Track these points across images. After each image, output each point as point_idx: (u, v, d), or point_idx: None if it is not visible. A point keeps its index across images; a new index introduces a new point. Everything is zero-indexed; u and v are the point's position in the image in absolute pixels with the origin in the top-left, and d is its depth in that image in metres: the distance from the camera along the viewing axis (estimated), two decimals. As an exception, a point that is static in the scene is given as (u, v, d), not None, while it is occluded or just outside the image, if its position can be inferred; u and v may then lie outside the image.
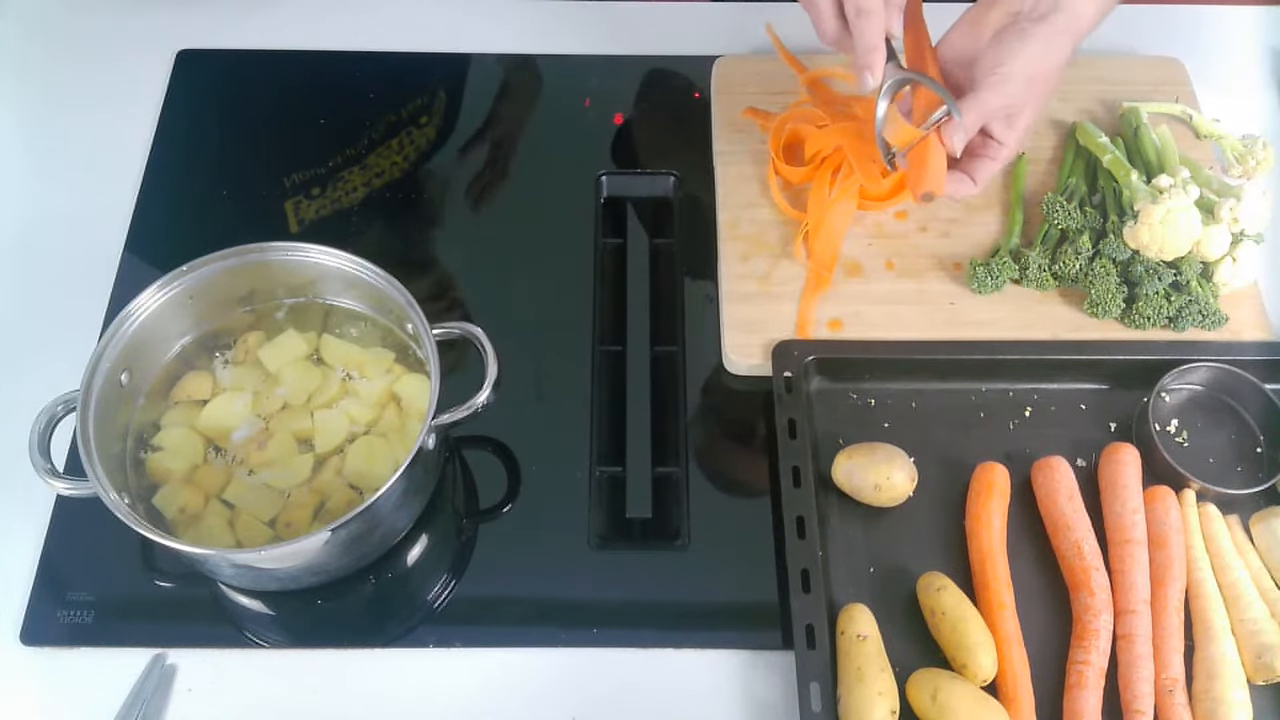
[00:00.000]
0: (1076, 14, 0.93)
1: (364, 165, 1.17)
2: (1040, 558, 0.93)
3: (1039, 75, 0.94)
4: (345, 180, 1.16)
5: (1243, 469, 0.98)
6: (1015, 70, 0.92)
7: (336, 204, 1.14)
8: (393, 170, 1.17)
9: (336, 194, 1.15)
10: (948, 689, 0.84)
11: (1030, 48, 0.92)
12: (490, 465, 1.00)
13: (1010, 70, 0.92)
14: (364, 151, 1.18)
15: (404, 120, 1.20)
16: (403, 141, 1.19)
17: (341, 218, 1.14)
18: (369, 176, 1.16)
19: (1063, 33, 0.93)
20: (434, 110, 1.22)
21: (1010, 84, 0.92)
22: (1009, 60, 0.92)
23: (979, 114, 0.94)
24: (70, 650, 0.91)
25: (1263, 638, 0.87)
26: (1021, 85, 0.93)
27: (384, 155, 1.18)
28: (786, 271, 1.07)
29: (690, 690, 0.90)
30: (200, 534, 0.90)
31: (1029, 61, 0.92)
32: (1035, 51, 0.92)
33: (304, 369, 0.97)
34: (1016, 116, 0.96)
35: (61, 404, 0.89)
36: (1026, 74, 0.93)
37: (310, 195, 1.15)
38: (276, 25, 1.27)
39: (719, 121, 1.17)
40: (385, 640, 0.92)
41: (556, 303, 1.08)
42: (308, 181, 1.16)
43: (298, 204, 1.14)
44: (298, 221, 1.13)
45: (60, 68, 1.25)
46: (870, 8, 0.91)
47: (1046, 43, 0.92)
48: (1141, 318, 1.02)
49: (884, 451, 0.95)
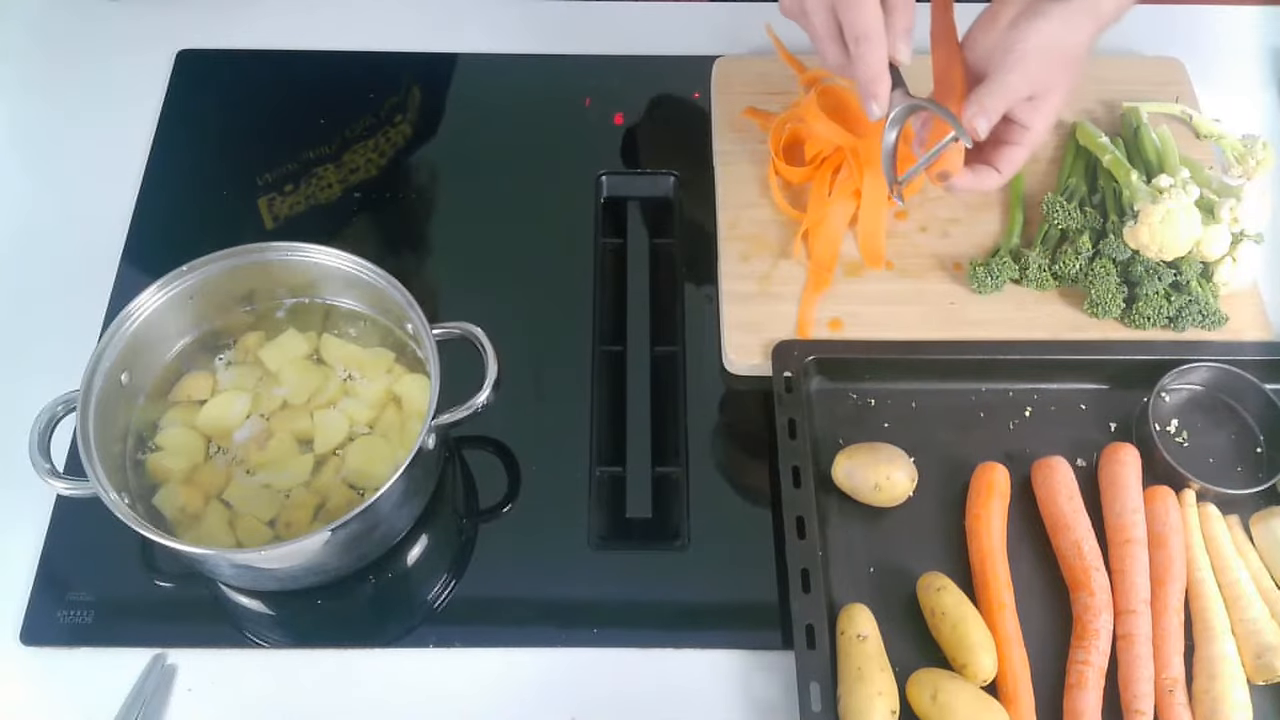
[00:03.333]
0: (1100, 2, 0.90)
1: (369, 159, 1.17)
2: (1040, 558, 0.93)
3: (1058, 53, 0.90)
4: (344, 178, 1.16)
5: (1243, 469, 0.98)
6: (1032, 47, 0.89)
7: (335, 204, 1.14)
8: (390, 171, 1.17)
9: (334, 193, 1.15)
10: (948, 689, 0.84)
11: (1048, 24, 0.89)
12: (490, 465, 1.00)
13: (1027, 47, 0.89)
14: (364, 150, 1.18)
15: (406, 118, 1.20)
16: (402, 139, 1.19)
17: (340, 219, 1.14)
18: (368, 173, 1.16)
19: (1082, 12, 0.90)
20: (433, 110, 1.22)
21: (1029, 61, 0.89)
22: (1026, 38, 0.89)
23: (1000, 96, 0.90)
24: (70, 650, 0.91)
25: (1263, 638, 0.87)
26: (1040, 63, 0.89)
27: (383, 152, 1.18)
28: (786, 271, 1.07)
29: (690, 690, 0.90)
30: (200, 534, 0.90)
31: (1047, 38, 0.89)
32: (1053, 28, 0.89)
33: (304, 369, 0.97)
34: (1041, 99, 0.92)
35: (61, 404, 0.89)
36: (1044, 50, 0.89)
37: (310, 193, 1.15)
38: (277, 25, 1.27)
39: (719, 121, 1.17)
40: (385, 640, 0.92)
41: (556, 303, 1.08)
42: (310, 180, 1.16)
43: (297, 202, 1.14)
44: (287, 219, 1.13)
45: (60, 68, 1.25)
46: (870, 33, 0.87)
47: (1065, 20, 0.89)
48: (1141, 318, 1.02)
49: (884, 451, 0.95)
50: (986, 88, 0.90)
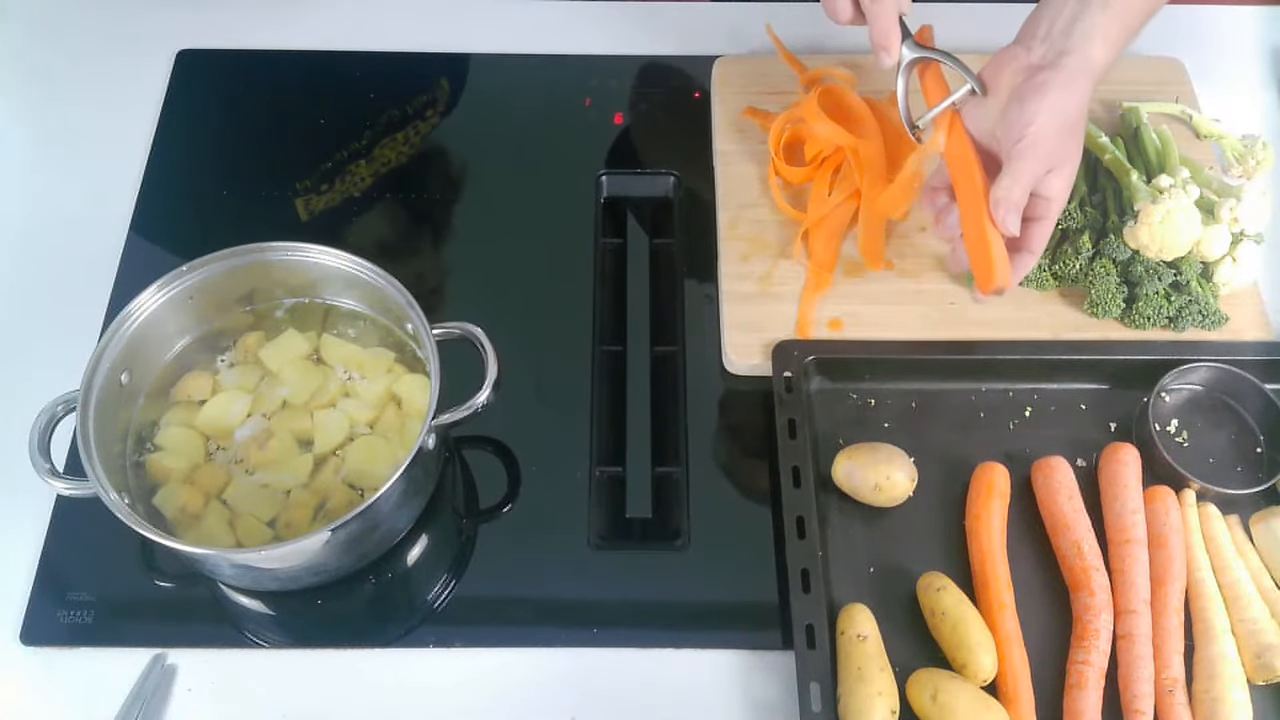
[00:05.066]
0: (1087, 55, 0.90)
1: (369, 159, 1.17)
2: (1040, 558, 0.93)
3: (1064, 124, 0.90)
4: (344, 178, 1.16)
5: (1243, 469, 0.98)
6: (1041, 129, 0.89)
7: (334, 203, 1.14)
8: (391, 170, 1.17)
9: (334, 194, 1.15)
10: (948, 689, 0.84)
11: (1049, 98, 0.89)
12: (490, 465, 1.00)
13: (1037, 132, 0.89)
14: (364, 150, 1.18)
15: (406, 117, 1.20)
16: (407, 138, 1.19)
17: (340, 218, 1.14)
18: (368, 173, 1.16)
19: (1077, 75, 0.90)
20: (434, 110, 1.22)
21: (1040, 144, 0.89)
22: (1032, 121, 0.89)
23: (1021, 185, 0.90)
24: (70, 650, 0.91)
25: (1263, 638, 0.87)
26: (1053, 141, 0.90)
27: (387, 148, 1.18)
28: (786, 271, 1.07)
29: (690, 690, 0.90)
30: (200, 534, 0.90)
31: (1053, 114, 0.89)
32: (1055, 100, 0.89)
33: (304, 369, 0.97)
34: (1058, 170, 0.92)
35: (61, 404, 0.89)
36: (1053, 128, 0.89)
37: (311, 192, 1.15)
38: (276, 25, 1.27)
39: (719, 121, 1.17)
40: (385, 640, 0.92)
41: (556, 303, 1.08)
42: (306, 180, 1.16)
43: (295, 201, 1.14)
44: (287, 219, 1.13)
45: (61, 67, 1.25)
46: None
47: (1064, 87, 0.89)
48: (1141, 318, 1.02)
49: (884, 451, 0.95)
50: (1006, 181, 0.90)
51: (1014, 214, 0.91)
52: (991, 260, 0.92)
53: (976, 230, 0.93)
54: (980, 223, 0.92)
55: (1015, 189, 0.90)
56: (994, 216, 0.91)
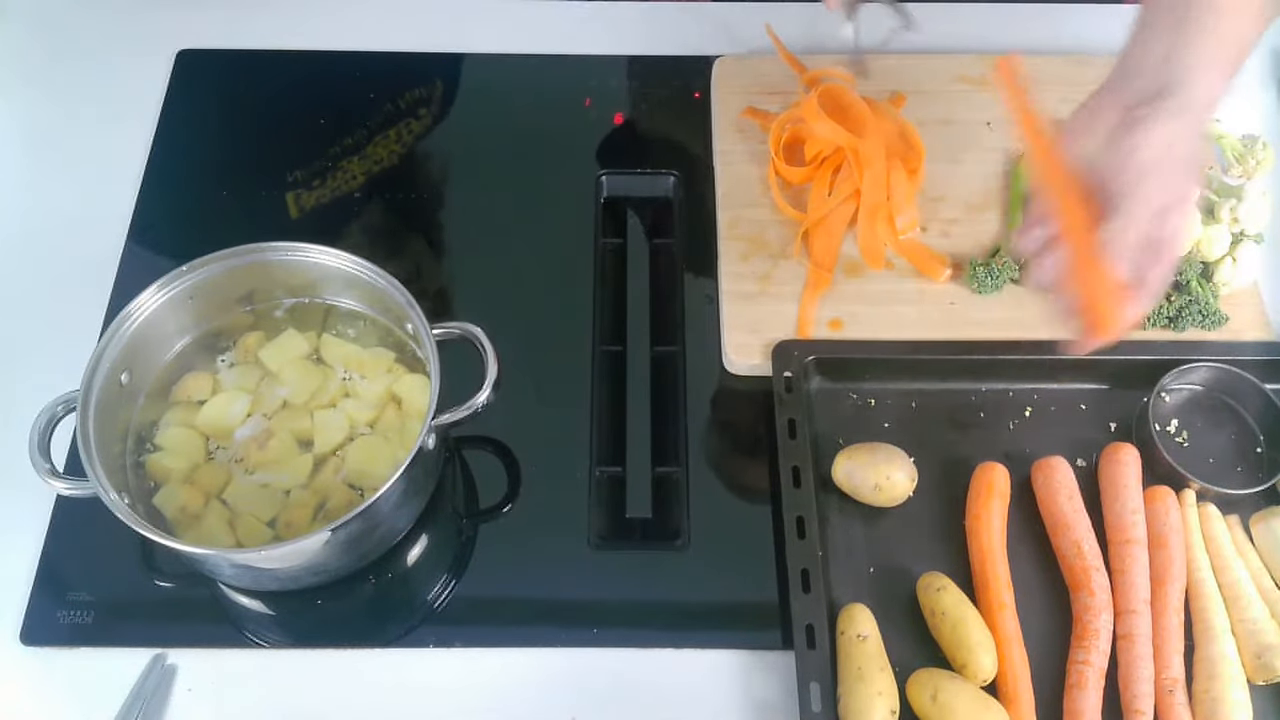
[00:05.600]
0: (1192, 93, 0.83)
1: (363, 157, 1.17)
2: (1040, 558, 0.93)
3: (1171, 160, 0.82)
4: (344, 179, 1.16)
5: (1243, 469, 0.98)
6: (1143, 162, 0.82)
7: (334, 203, 1.14)
8: (390, 170, 1.17)
9: (335, 193, 1.15)
10: (948, 689, 0.84)
11: (1152, 131, 0.82)
12: (490, 465, 1.00)
13: (1139, 164, 0.82)
14: (361, 148, 1.18)
15: (401, 114, 1.20)
16: (401, 136, 1.19)
17: (339, 220, 1.14)
18: (367, 170, 1.16)
19: (1182, 111, 0.82)
20: (431, 108, 1.22)
21: (1147, 181, 0.82)
22: (1134, 152, 0.82)
23: (1132, 230, 0.82)
24: (70, 650, 0.91)
25: (1263, 638, 0.87)
26: (1158, 178, 0.82)
27: (383, 147, 1.18)
28: (786, 271, 1.07)
29: (690, 690, 0.90)
30: (200, 534, 0.90)
31: (1157, 148, 0.82)
32: (1160, 133, 0.82)
33: (304, 369, 0.97)
34: (1173, 208, 0.83)
35: (61, 404, 0.89)
36: (1158, 163, 0.82)
37: (309, 188, 1.15)
38: (276, 25, 1.27)
39: (719, 121, 1.17)
40: (385, 640, 0.92)
41: (556, 303, 1.08)
42: (306, 179, 1.16)
43: (296, 198, 1.14)
44: (287, 219, 1.13)
45: (60, 67, 1.25)
46: None
47: (1164, 125, 0.82)
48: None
49: (884, 451, 0.95)
50: (1114, 227, 0.82)
51: (1126, 264, 0.83)
52: (1103, 307, 0.83)
53: (1086, 273, 0.84)
54: (1090, 267, 0.83)
55: (1124, 234, 0.82)
56: (1105, 259, 0.83)
